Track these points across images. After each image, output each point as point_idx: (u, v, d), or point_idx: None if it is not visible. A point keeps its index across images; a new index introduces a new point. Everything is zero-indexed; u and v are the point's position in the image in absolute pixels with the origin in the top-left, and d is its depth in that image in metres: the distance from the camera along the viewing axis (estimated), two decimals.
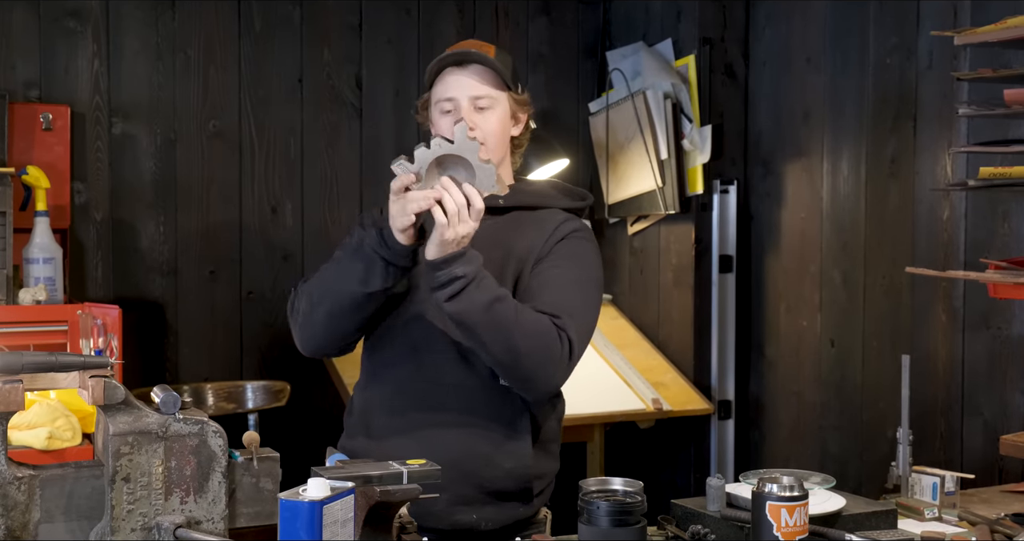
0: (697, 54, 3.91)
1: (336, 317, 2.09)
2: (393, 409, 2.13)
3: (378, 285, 2.04)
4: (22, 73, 3.57)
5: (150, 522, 1.54)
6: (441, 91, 2.16)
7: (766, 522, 1.74)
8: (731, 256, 3.96)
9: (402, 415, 2.12)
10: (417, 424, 2.10)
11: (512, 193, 2.15)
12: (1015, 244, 3.01)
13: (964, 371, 3.17)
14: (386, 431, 2.12)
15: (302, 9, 3.94)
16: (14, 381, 1.49)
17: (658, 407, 3.72)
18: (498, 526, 2.12)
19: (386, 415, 2.14)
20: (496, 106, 2.15)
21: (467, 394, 2.10)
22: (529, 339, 2.00)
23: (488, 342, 1.99)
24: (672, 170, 3.88)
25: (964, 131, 3.13)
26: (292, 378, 3.72)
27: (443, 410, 2.10)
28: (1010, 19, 2.48)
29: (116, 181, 3.71)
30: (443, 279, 1.97)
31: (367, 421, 2.17)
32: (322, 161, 3.99)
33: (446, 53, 2.17)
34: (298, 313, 2.14)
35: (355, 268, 2.05)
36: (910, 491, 2.18)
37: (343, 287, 2.07)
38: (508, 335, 1.98)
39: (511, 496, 2.13)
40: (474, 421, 2.10)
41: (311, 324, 2.12)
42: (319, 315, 2.10)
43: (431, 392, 2.11)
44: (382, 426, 2.14)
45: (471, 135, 2.02)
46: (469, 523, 2.09)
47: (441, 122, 2.16)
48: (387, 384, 2.15)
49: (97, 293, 3.66)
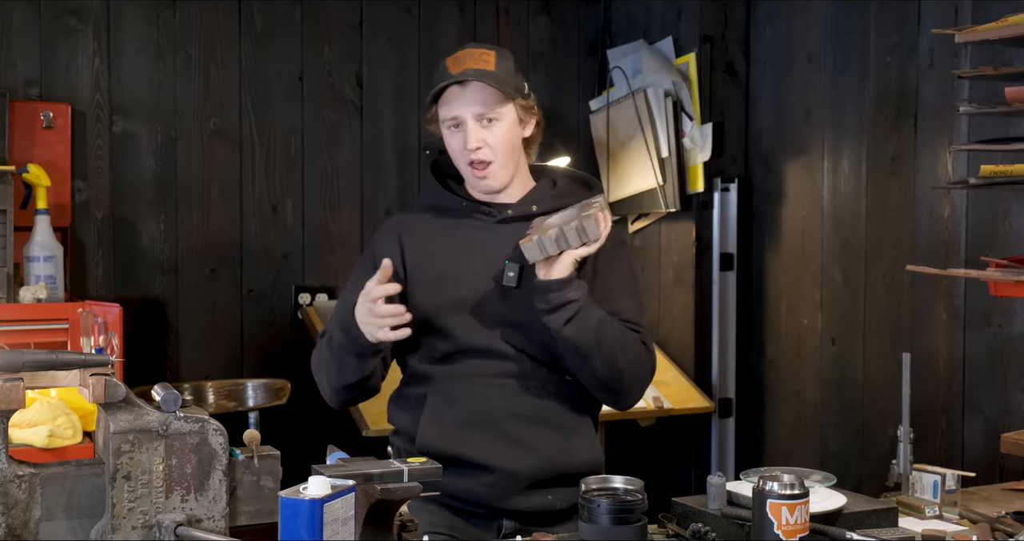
0: (698, 52, 3.91)
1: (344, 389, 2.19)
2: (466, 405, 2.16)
3: (367, 369, 2.14)
4: (23, 71, 3.57)
5: (151, 520, 1.54)
6: (445, 111, 2.19)
7: (767, 520, 1.74)
8: (732, 254, 3.95)
9: (473, 412, 2.15)
10: (490, 419, 2.15)
11: (540, 196, 2.25)
12: (1016, 242, 3.01)
13: (965, 369, 3.17)
14: (458, 425, 2.15)
15: (303, 7, 3.94)
16: (15, 379, 1.49)
17: (659, 405, 3.72)
18: (567, 505, 2.18)
19: (460, 411, 2.16)
20: (502, 119, 2.18)
21: (535, 392, 2.17)
22: (629, 357, 2.14)
23: (597, 364, 2.10)
24: (673, 168, 3.87)
25: (965, 129, 3.12)
26: (293, 376, 3.72)
27: (514, 406, 2.16)
28: (1011, 17, 2.48)
29: (117, 179, 3.71)
30: (557, 302, 2.06)
31: (438, 415, 2.17)
32: (323, 159, 3.99)
33: (446, 71, 2.18)
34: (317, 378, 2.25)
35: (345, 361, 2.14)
36: (911, 489, 2.18)
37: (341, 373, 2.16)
38: (614, 356, 2.11)
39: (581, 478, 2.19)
40: (544, 417, 2.17)
41: (328, 393, 2.23)
42: (328, 389, 2.22)
43: (500, 389, 2.16)
44: (457, 421, 2.16)
45: None
46: (546, 504, 2.17)
47: (452, 140, 2.21)
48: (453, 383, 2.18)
49: (98, 291, 3.66)
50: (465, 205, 2.24)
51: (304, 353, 3.71)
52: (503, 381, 2.16)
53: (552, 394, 2.18)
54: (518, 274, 2.15)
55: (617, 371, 2.12)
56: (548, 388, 2.18)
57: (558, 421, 2.18)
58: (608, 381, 2.14)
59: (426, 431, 2.16)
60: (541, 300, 2.08)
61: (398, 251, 2.21)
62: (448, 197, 2.27)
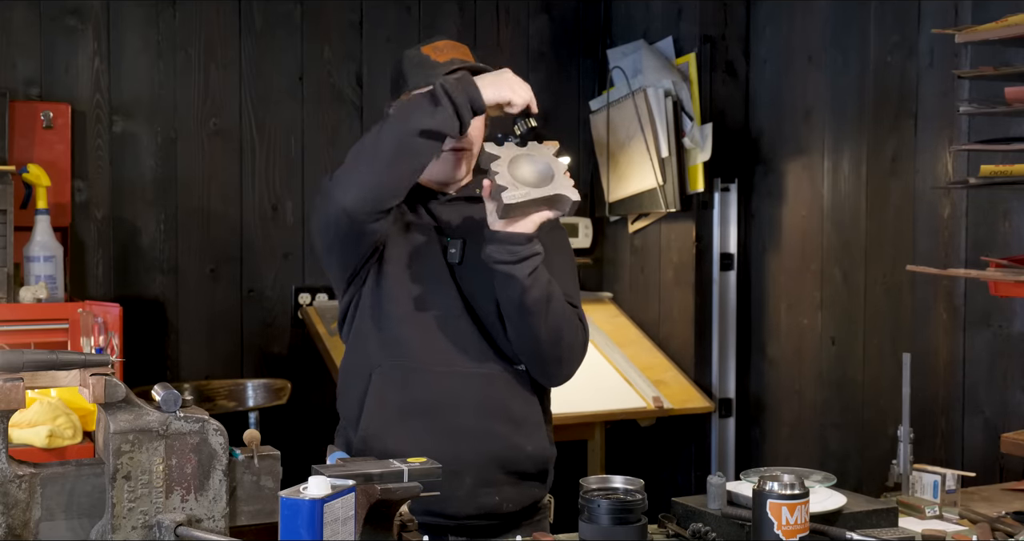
0: (698, 52, 3.91)
1: (388, 163, 2.01)
2: (412, 394, 2.12)
3: (447, 127, 2.01)
4: (23, 71, 3.57)
5: (151, 520, 1.54)
6: None
7: (767, 520, 1.74)
8: (732, 254, 3.96)
9: (421, 401, 2.12)
10: (437, 409, 2.11)
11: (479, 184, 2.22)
12: (1016, 242, 3.01)
13: (965, 369, 3.17)
14: (405, 417, 2.11)
15: (303, 7, 3.94)
16: (15, 379, 1.49)
17: (659, 405, 3.72)
18: (518, 507, 2.16)
19: (405, 400, 2.12)
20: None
21: (486, 380, 2.14)
22: (569, 326, 2.12)
23: (541, 326, 2.08)
24: (673, 168, 3.87)
25: (965, 129, 3.13)
26: (293, 376, 3.72)
27: (463, 395, 2.12)
28: (1011, 17, 2.48)
29: (117, 179, 3.71)
30: (525, 254, 2.04)
31: (383, 405, 2.13)
32: (323, 159, 3.99)
33: (429, 60, 2.15)
34: (340, 173, 2.06)
35: (420, 106, 2.01)
36: (911, 489, 2.18)
37: (404, 127, 2.01)
38: (557, 320, 2.09)
39: (530, 477, 2.18)
40: (494, 406, 2.13)
41: (355, 179, 2.03)
42: (367, 163, 2.02)
43: (450, 378, 2.12)
44: (400, 412, 2.12)
45: None
46: (492, 505, 2.12)
47: None
48: (400, 370, 2.13)
49: (98, 291, 3.67)
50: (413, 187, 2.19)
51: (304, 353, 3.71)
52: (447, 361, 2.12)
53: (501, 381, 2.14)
54: (460, 250, 2.16)
55: (558, 337, 2.10)
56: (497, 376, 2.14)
57: (506, 412, 2.14)
58: (549, 346, 2.10)
59: (370, 419, 2.12)
60: (505, 252, 2.03)
61: None
62: None
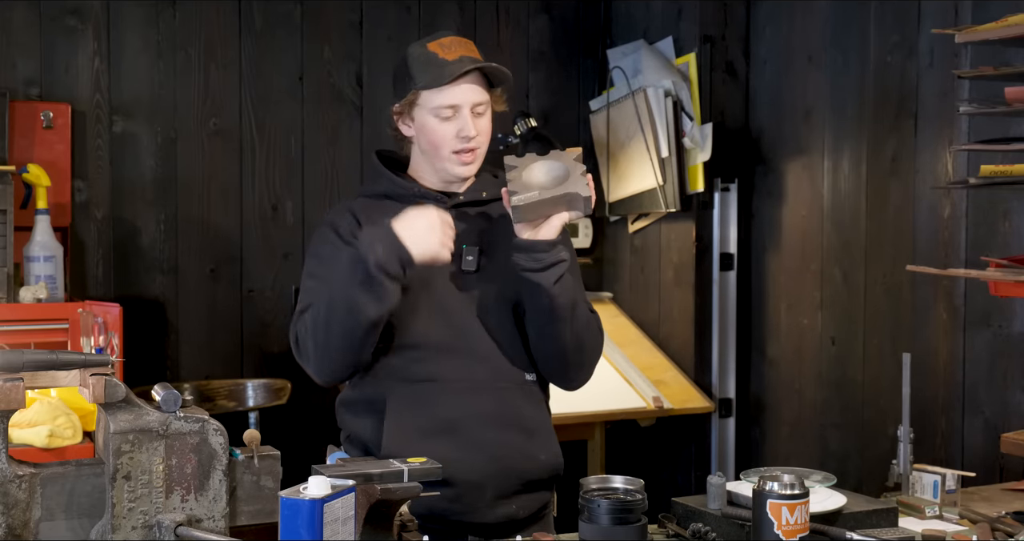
0: (698, 52, 3.91)
1: (353, 347, 2.07)
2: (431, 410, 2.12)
3: (392, 302, 2.03)
4: (23, 71, 3.57)
5: (151, 520, 1.54)
6: (440, 98, 2.15)
7: (767, 520, 1.74)
8: (732, 254, 3.95)
9: (441, 417, 2.12)
10: (456, 425, 2.11)
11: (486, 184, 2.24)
12: (1016, 242, 3.01)
13: (965, 369, 3.17)
14: (426, 436, 2.10)
15: (303, 7, 3.94)
16: (15, 379, 1.49)
17: (659, 405, 3.72)
18: (530, 513, 2.19)
19: (425, 418, 2.12)
20: (488, 109, 2.21)
21: (500, 392, 2.15)
22: (592, 331, 2.19)
23: (567, 331, 2.10)
24: (673, 168, 3.87)
25: (965, 129, 3.12)
26: (293, 376, 3.71)
27: (480, 409, 2.13)
28: (1011, 17, 2.48)
29: (117, 179, 3.71)
30: (550, 261, 2.05)
31: (402, 426, 2.13)
32: (323, 159, 3.99)
33: (437, 58, 2.14)
34: (308, 349, 2.12)
35: (361, 293, 2.01)
36: (911, 489, 2.18)
37: (356, 315, 2.03)
38: (581, 326, 2.13)
39: (543, 485, 2.21)
40: (509, 417, 2.15)
41: (329, 358, 2.10)
42: (334, 346, 2.07)
43: (467, 393, 2.13)
44: (421, 432, 2.11)
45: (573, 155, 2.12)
46: (510, 514, 2.16)
47: (442, 128, 2.16)
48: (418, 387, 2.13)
49: (98, 291, 3.66)
50: (417, 190, 2.21)
51: None
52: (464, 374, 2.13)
53: (515, 392, 2.16)
54: (476, 258, 2.16)
55: (581, 342, 2.14)
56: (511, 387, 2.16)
57: (519, 423, 2.15)
58: (573, 352, 2.14)
59: (391, 441, 2.10)
60: (530, 260, 2.05)
61: (357, 227, 2.16)
62: (400, 184, 2.22)
